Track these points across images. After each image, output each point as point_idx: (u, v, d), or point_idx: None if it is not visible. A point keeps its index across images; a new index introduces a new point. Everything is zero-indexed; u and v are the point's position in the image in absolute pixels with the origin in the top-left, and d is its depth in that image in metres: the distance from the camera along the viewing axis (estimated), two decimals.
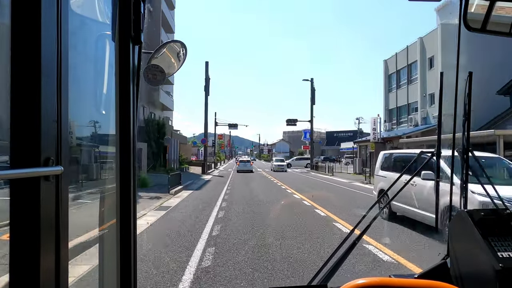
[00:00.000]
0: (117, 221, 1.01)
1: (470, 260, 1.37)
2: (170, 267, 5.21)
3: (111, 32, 1.04)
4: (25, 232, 0.65)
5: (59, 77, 0.71)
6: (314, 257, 5.77)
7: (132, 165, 1.04)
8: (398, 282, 0.78)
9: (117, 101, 1.01)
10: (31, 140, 0.65)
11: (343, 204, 12.32)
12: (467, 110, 1.62)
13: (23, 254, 0.65)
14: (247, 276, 4.82)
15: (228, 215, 9.87)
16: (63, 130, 0.72)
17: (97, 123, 1.25)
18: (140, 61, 1.10)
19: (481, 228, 1.30)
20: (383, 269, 5.14)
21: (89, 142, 1.36)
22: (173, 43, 1.55)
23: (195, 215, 9.98)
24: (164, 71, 1.22)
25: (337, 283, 1.34)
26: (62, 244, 0.71)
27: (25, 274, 0.65)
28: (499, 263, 1.18)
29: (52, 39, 0.69)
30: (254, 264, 5.31)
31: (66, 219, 0.73)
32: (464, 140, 1.65)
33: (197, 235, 7.31)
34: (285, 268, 5.13)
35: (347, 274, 4.57)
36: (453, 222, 1.52)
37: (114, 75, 1.02)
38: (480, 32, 1.40)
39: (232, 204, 12.03)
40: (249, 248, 6.29)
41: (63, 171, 0.70)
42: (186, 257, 5.73)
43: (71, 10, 0.84)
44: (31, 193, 0.65)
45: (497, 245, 1.25)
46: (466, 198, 1.69)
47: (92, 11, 1.15)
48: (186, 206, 11.88)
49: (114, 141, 1.02)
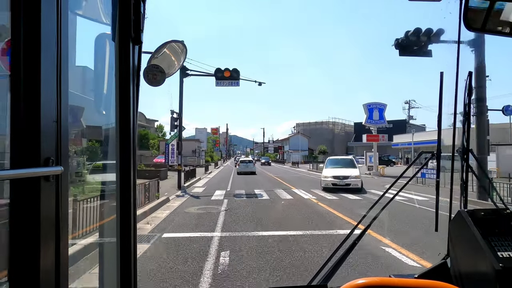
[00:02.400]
0: (117, 218, 1.02)
1: (470, 260, 1.37)
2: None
3: (111, 32, 1.04)
4: (25, 232, 0.65)
5: (59, 77, 0.71)
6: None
7: (132, 164, 1.04)
8: (398, 282, 0.78)
9: (117, 101, 1.02)
10: (31, 140, 0.65)
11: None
12: (467, 110, 1.62)
13: (23, 253, 0.65)
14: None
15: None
16: (63, 131, 0.72)
17: (97, 123, 1.25)
18: (140, 61, 1.10)
19: (481, 228, 1.30)
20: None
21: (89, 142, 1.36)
22: (174, 43, 1.55)
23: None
24: (165, 71, 1.23)
25: (337, 283, 1.34)
26: (62, 243, 0.71)
27: (25, 273, 0.65)
28: (499, 263, 1.18)
29: (52, 39, 0.70)
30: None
31: (66, 218, 0.73)
32: (464, 140, 1.65)
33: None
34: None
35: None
36: (453, 222, 1.52)
37: (114, 75, 1.02)
38: (480, 31, 1.40)
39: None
40: None
41: (63, 171, 0.70)
42: None
43: (71, 10, 0.84)
44: (31, 193, 0.65)
45: (497, 245, 1.25)
46: (466, 197, 1.69)
47: (92, 11, 1.15)
48: None
49: (114, 140, 1.03)
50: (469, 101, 1.62)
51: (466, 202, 1.68)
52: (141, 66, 1.11)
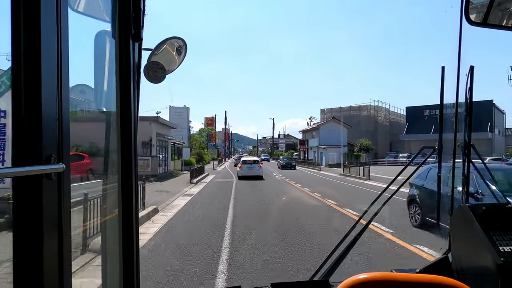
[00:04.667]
0: (119, 215, 1.03)
1: (471, 255, 1.37)
2: None
3: (111, 29, 1.04)
4: (28, 230, 0.65)
5: (59, 75, 0.71)
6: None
7: (134, 161, 1.04)
8: (400, 276, 0.79)
9: (118, 98, 1.02)
10: (32, 138, 0.65)
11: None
12: (469, 104, 1.62)
13: (26, 252, 0.65)
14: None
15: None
16: (64, 128, 0.72)
17: (98, 120, 1.26)
18: (141, 58, 1.10)
19: (483, 223, 1.30)
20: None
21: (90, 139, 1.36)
22: (174, 40, 1.55)
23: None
24: (165, 68, 1.22)
25: (339, 278, 1.34)
26: (65, 241, 0.72)
27: (28, 270, 0.66)
28: (501, 257, 1.18)
29: (52, 37, 0.69)
30: None
31: (68, 216, 0.74)
32: (466, 134, 1.64)
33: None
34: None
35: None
36: (454, 217, 1.52)
37: (114, 72, 1.02)
38: (482, 26, 1.40)
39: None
40: None
41: (64, 169, 0.70)
42: None
43: (70, 7, 0.84)
44: (33, 191, 0.65)
45: (499, 240, 1.25)
46: (468, 192, 1.69)
47: (92, 8, 1.15)
48: None
49: (116, 138, 1.03)
50: (470, 95, 1.61)
51: (468, 196, 1.68)
52: (141, 63, 1.11)
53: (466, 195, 1.68)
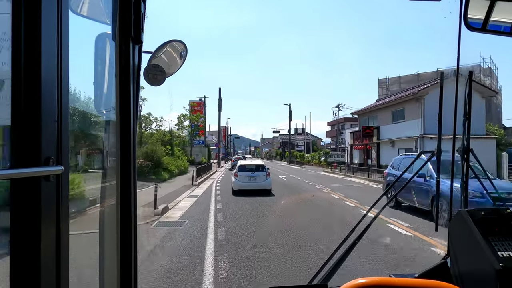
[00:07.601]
0: (117, 216, 1.02)
1: (470, 260, 1.37)
2: None
3: (111, 31, 1.04)
4: (26, 231, 0.65)
5: (59, 77, 0.71)
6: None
7: (133, 163, 1.04)
8: (398, 281, 0.78)
9: (118, 100, 1.02)
10: (31, 139, 0.65)
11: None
12: (467, 110, 1.62)
13: (24, 253, 0.65)
14: None
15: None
16: (64, 130, 0.72)
17: (98, 123, 1.26)
18: (141, 61, 1.10)
19: (482, 228, 1.29)
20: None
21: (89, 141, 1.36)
22: (174, 42, 1.55)
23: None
24: (165, 71, 1.23)
25: (337, 283, 1.34)
26: (63, 243, 0.71)
27: (26, 272, 0.65)
28: (500, 263, 1.17)
29: (53, 39, 0.70)
30: None
31: (66, 218, 0.74)
32: (465, 139, 1.65)
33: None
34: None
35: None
36: (453, 222, 1.52)
37: (114, 74, 1.02)
38: (481, 32, 1.40)
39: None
40: None
41: (63, 171, 0.70)
42: None
43: (71, 10, 0.84)
44: (31, 192, 0.65)
45: (498, 245, 1.24)
46: (467, 197, 1.69)
47: (93, 11, 1.15)
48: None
49: (115, 140, 1.03)
50: (469, 101, 1.62)
51: (467, 201, 1.68)
52: (141, 65, 1.11)
53: (465, 200, 1.68)
